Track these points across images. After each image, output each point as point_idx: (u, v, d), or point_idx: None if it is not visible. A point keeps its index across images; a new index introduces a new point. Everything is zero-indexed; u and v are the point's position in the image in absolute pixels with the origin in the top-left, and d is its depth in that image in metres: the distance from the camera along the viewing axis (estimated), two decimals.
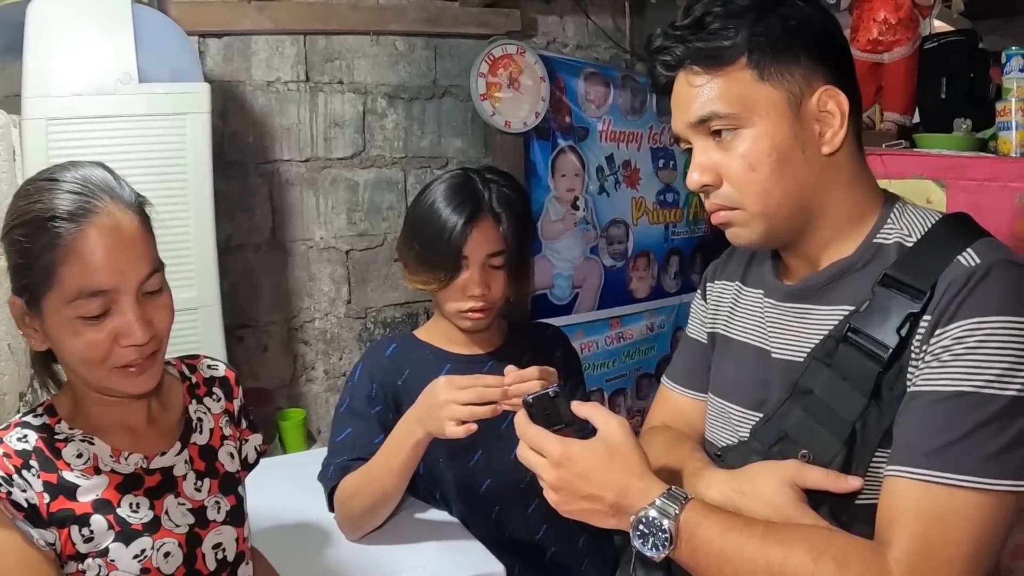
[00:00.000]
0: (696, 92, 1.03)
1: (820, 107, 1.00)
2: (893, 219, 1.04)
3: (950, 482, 0.86)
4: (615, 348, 3.69)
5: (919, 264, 0.97)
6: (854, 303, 1.00)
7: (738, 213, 1.05)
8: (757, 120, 1.00)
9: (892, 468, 0.90)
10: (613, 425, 1.01)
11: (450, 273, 1.59)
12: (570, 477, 0.99)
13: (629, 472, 0.98)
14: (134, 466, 1.14)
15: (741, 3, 1.01)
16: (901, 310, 0.94)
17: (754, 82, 1.00)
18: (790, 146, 1.00)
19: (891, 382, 0.94)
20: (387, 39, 3.07)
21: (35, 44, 2.10)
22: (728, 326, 1.21)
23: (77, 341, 1.04)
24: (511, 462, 1.64)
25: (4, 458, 1.03)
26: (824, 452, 0.97)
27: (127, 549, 1.07)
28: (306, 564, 1.54)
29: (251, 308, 2.91)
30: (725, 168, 1.03)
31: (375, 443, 1.57)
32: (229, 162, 2.78)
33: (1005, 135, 2.00)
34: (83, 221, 1.03)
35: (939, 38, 2.60)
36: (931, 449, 0.87)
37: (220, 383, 1.33)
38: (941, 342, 0.90)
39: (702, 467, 1.10)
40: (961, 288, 0.91)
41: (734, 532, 0.92)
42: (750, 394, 1.12)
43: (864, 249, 1.03)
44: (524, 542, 1.69)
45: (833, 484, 0.95)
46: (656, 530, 0.94)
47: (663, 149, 3.74)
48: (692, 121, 1.04)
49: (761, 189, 1.02)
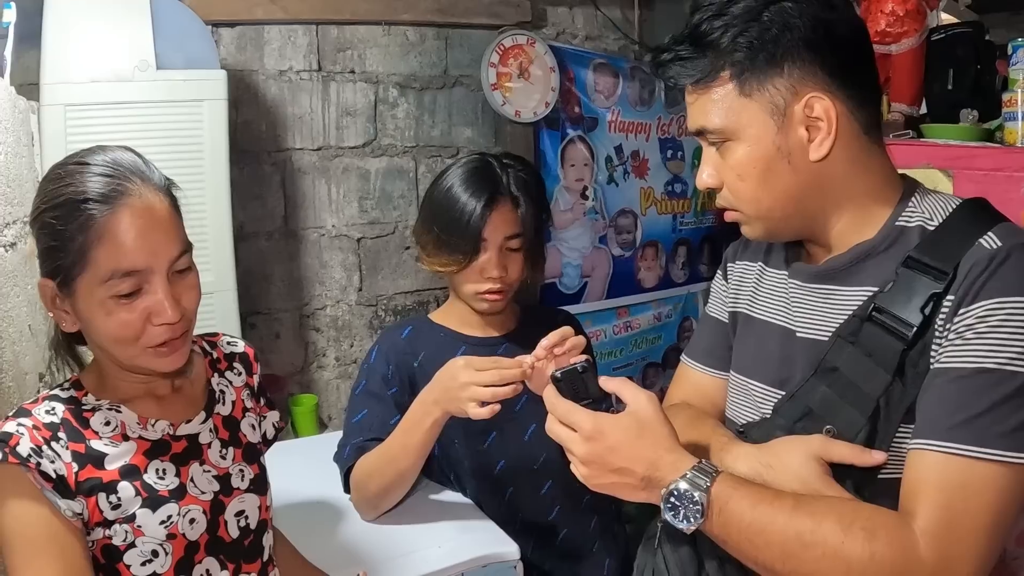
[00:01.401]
0: (690, 106, 1.08)
1: (807, 114, 1.01)
2: (915, 203, 1.06)
3: (972, 454, 0.88)
4: (623, 337, 3.71)
5: (942, 246, 0.99)
6: (878, 284, 1.02)
7: (739, 214, 1.10)
8: (742, 133, 1.04)
9: (916, 442, 0.93)
10: (643, 399, 1.02)
11: (469, 255, 1.62)
12: (601, 451, 1.00)
13: (659, 446, 0.99)
14: (161, 432, 1.16)
15: (730, 13, 1.02)
16: (925, 290, 0.96)
17: (737, 96, 1.03)
18: (773, 157, 1.03)
19: (915, 360, 0.97)
20: (399, 29, 3.08)
21: (53, 31, 2.13)
22: (751, 306, 1.23)
23: (110, 321, 1.07)
24: (525, 443, 1.69)
25: (33, 430, 1.05)
26: (848, 427, 0.99)
27: (154, 515, 1.10)
28: (323, 544, 1.56)
29: (263, 295, 2.93)
30: (722, 175, 1.08)
31: (391, 424, 1.59)
32: (242, 151, 2.79)
33: (1011, 125, 2.02)
34: (116, 203, 1.05)
35: (946, 30, 2.61)
36: (954, 423, 0.90)
37: (240, 358, 1.36)
38: (964, 321, 0.93)
39: (728, 442, 1.11)
40: (983, 270, 0.93)
41: (764, 504, 0.94)
42: (774, 372, 1.14)
43: (886, 232, 1.05)
44: (537, 523, 1.72)
45: (858, 458, 0.97)
46: (688, 502, 0.95)
47: (671, 140, 3.76)
48: (691, 131, 1.10)
49: (751, 197, 1.07)
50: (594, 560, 1.77)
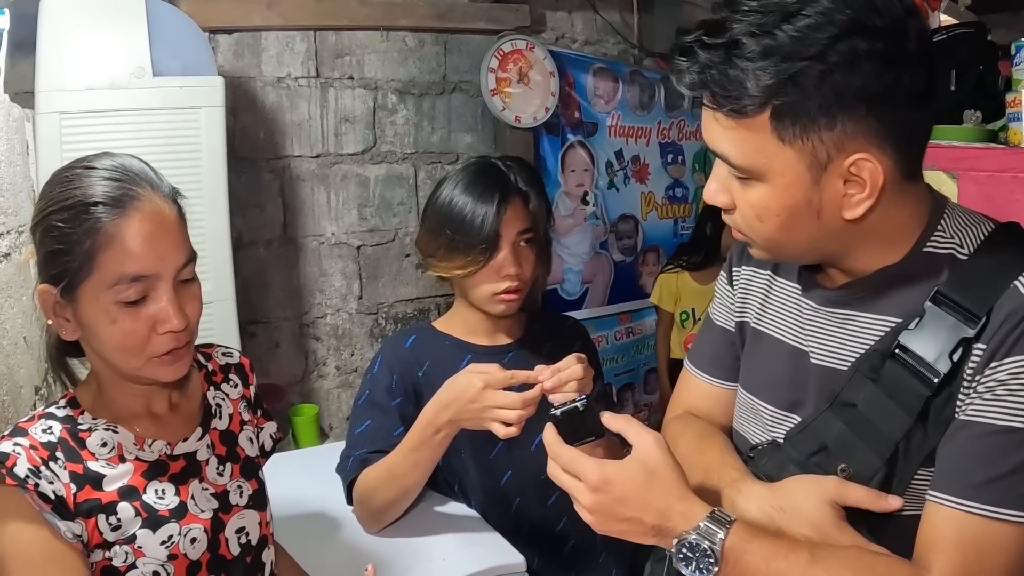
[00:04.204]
0: (715, 130, 0.94)
1: (851, 172, 0.90)
2: (944, 226, 0.98)
3: (991, 515, 0.86)
4: (625, 343, 3.69)
5: (974, 285, 0.93)
6: (901, 315, 0.97)
7: (748, 239, 1.02)
8: (771, 178, 0.92)
9: (936, 495, 0.91)
10: (649, 443, 0.98)
11: (487, 253, 1.60)
12: (608, 502, 0.96)
13: (669, 494, 0.95)
14: (158, 453, 1.14)
15: (783, 39, 0.85)
16: (954, 333, 0.91)
17: (772, 140, 0.89)
18: (801, 210, 0.93)
19: (939, 407, 0.93)
20: (397, 35, 3.07)
21: (48, 38, 2.11)
22: (760, 318, 1.17)
23: (115, 329, 1.04)
24: (532, 453, 1.66)
25: (31, 450, 1.02)
26: (864, 468, 0.96)
27: (154, 535, 1.08)
28: (325, 557, 1.54)
29: (263, 304, 2.91)
30: (736, 201, 0.98)
31: (395, 435, 1.57)
32: (240, 158, 2.78)
33: (1015, 126, 1.99)
34: (125, 207, 1.03)
35: (948, 30, 2.59)
36: (977, 482, 0.88)
37: (236, 370, 1.33)
38: (996, 375, 0.89)
39: (739, 477, 1.07)
40: (1020, 321, 0.88)
41: (779, 559, 0.91)
42: (784, 394, 1.10)
43: (913, 258, 0.98)
44: (544, 534, 1.69)
45: (874, 504, 0.95)
46: (700, 554, 0.92)
47: (672, 144, 3.75)
48: (707, 147, 0.98)
49: (767, 239, 0.98)
50: (601, 571, 1.74)
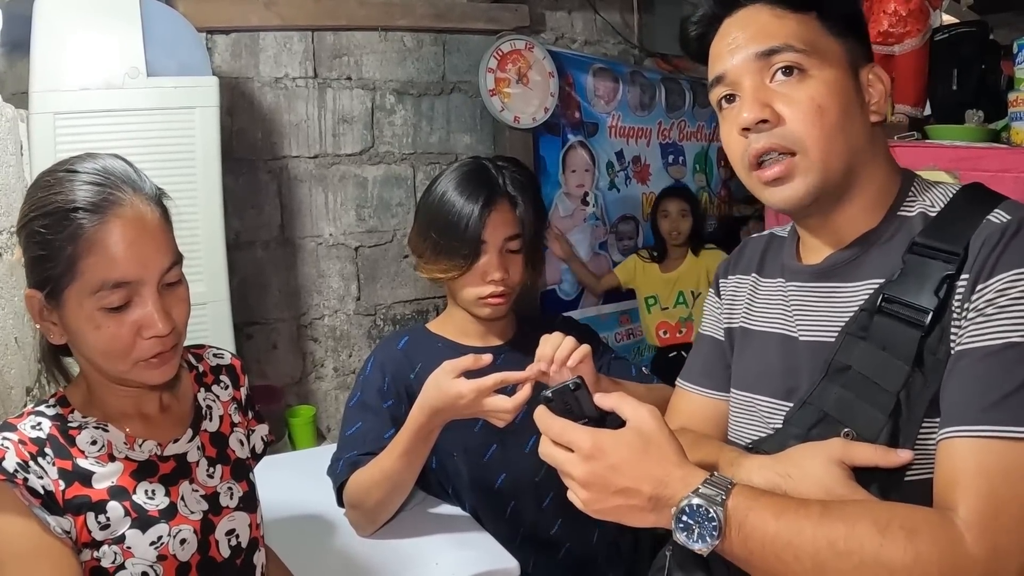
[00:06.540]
0: (771, 23, 1.03)
1: (869, 80, 1.04)
2: (914, 193, 1.04)
3: (1012, 435, 0.82)
4: (625, 345, 3.68)
5: (948, 228, 0.96)
6: (883, 275, 0.98)
7: (798, 159, 1.00)
8: (826, 67, 1.01)
9: (946, 431, 0.87)
10: (644, 414, 0.94)
11: (470, 259, 1.58)
12: (602, 471, 0.91)
13: (666, 461, 0.91)
14: (148, 453, 1.13)
15: None
16: (936, 273, 0.92)
17: (824, 34, 1.02)
18: (851, 101, 1.01)
19: (933, 347, 0.91)
20: (395, 35, 3.06)
21: (43, 38, 2.10)
22: (748, 319, 1.17)
23: (100, 334, 1.03)
24: (526, 455, 1.64)
25: (19, 445, 1.02)
26: (868, 428, 0.93)
27: (144, 536, 1.07)
28: (318, 560, 1.53)
29: (260, 305, 2.90)
30: (789, 106, 1.00)
31: (385, 438, 1.55)
32: (237, 159, 2.77)
33: (1018, 125, 1.98)
34: (106, 212, 1.02)
35: (949, 30, 2.57)
36: (987, 404, 0.84)
37: (227, 371, 1.32)
38: (983, 297, 0.88)
39: (738, 456, 1.04)
40: (996, 243, 0.89)
41: (789, 513, 0.85)
42: (779, 383, 1.08)
43: (888, 222, 1.03)
44: (539, 537, 1.67)
45: (883, 459, 0.91)
46: (702, 519, 0.86)
47: (672, 145, 3.73)
48: (761, 51, 1.01)
49: (827, 134, 0.99)
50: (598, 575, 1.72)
